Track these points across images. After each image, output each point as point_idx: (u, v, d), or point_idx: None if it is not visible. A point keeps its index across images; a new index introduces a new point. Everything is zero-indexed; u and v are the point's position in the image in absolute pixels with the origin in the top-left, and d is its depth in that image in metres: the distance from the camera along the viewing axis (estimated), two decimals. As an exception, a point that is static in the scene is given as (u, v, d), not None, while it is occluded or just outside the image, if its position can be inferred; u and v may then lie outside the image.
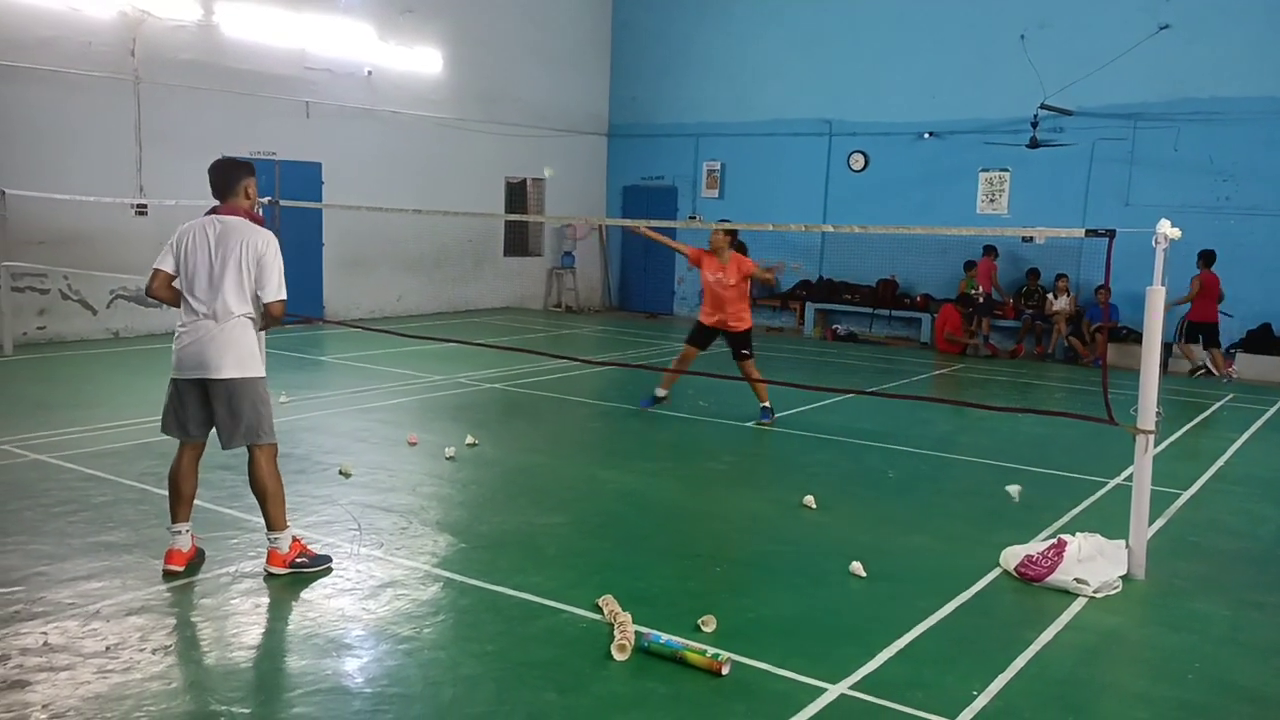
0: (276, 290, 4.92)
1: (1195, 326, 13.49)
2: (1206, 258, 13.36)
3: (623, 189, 20.27)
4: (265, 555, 5.12)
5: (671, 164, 19.55)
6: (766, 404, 9.26)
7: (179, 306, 4.96)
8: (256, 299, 4.95)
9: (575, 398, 10.26)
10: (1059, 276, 15.20)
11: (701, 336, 9.50)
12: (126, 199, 12.82)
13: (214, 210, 5.01)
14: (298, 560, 5.10)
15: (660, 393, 9.64)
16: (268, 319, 5.03)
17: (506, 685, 3.96)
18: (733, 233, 9.41)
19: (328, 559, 5.23)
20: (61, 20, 12.40)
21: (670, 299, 19.90)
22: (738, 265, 9.21)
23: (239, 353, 4.88)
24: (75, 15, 12.50)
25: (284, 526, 5.08)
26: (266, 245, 4.91)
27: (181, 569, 5.05)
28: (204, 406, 4.99)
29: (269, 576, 5.05)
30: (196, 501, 6.07)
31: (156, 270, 4.94)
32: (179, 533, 5.10)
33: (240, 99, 14.22)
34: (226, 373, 4.87)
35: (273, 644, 4.31)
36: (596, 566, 5.36)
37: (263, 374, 5.05)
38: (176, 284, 4.94)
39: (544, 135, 18.78)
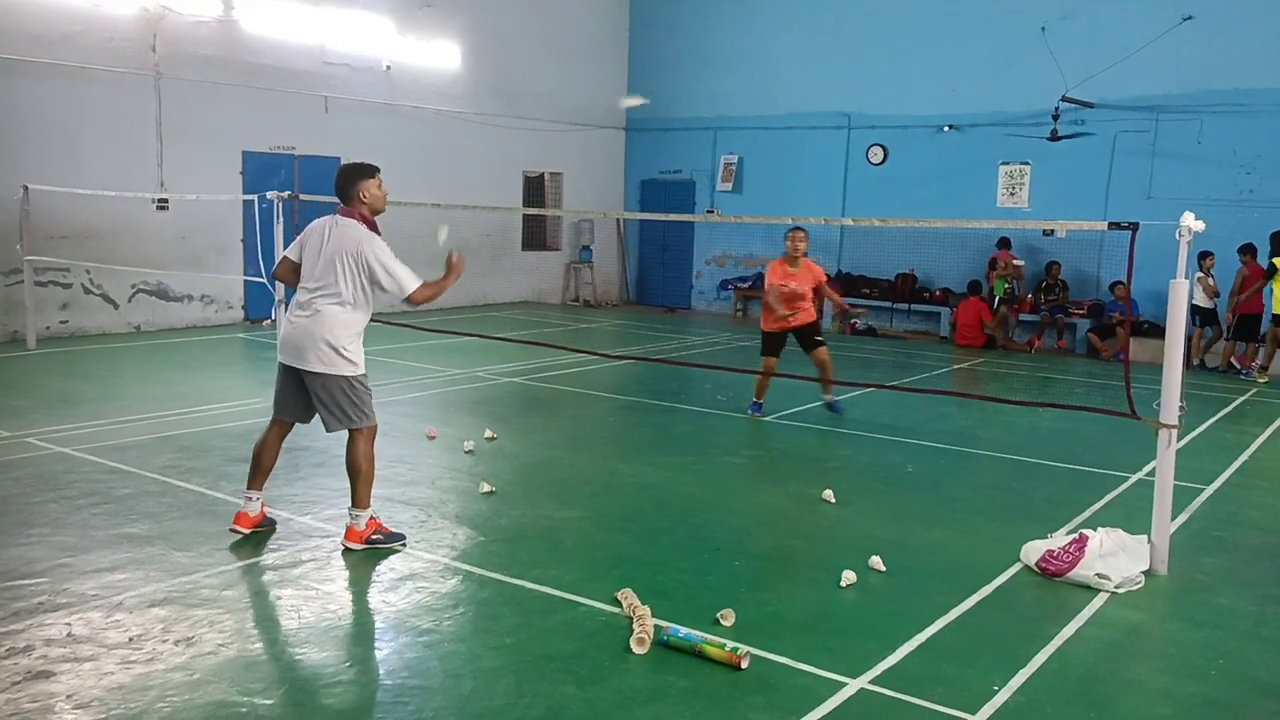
0: (410, 281, 5.22)
1: (1242, 320, 13.31)
2: (1250, 251, 13.23)
3: (640, 183, 20.26)
4: (344, 531, 5.39)
5: (689, 158, 19.51)
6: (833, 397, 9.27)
7: None
8: (368, 297, 5.28)
9: (593, 392, 10.26)
10: (1205, 255, 13.26)
11: (774, 345, 9.08)
12: (147, 194, 12.91)
13: (338, 211, 5.35)
14: (373, 537, 5.34)
15: (758, 401, 9.21)
16: (412, 303, 5.35)
17: (525, 678, 3.97)
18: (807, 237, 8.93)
19: (402, 536, 5.48)
20: (83, 16, 12.48)
21: (688, 293, 19.89)
22: (810, 272, 8.89)
23: (329, 349, 5.18)
24: (97, 11, 12.58)
25: (366, 506, 5.34)
26: (381, 249, 5.20)
27: (246, 531, 5.41)
28: (300, 393, 5.31)
29: (346, 551, 5.28)
30: (220, 495, 6.15)
31: (284, 257, 5.44)
32: (250, 499, 5.47)
33: (260, 94, 14.29)
34: (315, 367, 5.19)
35: (294, 636, 4.33)
36: (615, 560, 5.36)
37: (355, 370, 5.29)
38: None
39: (562, 129, 18.78)
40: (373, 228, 5.28)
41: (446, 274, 5.39)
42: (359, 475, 5.29)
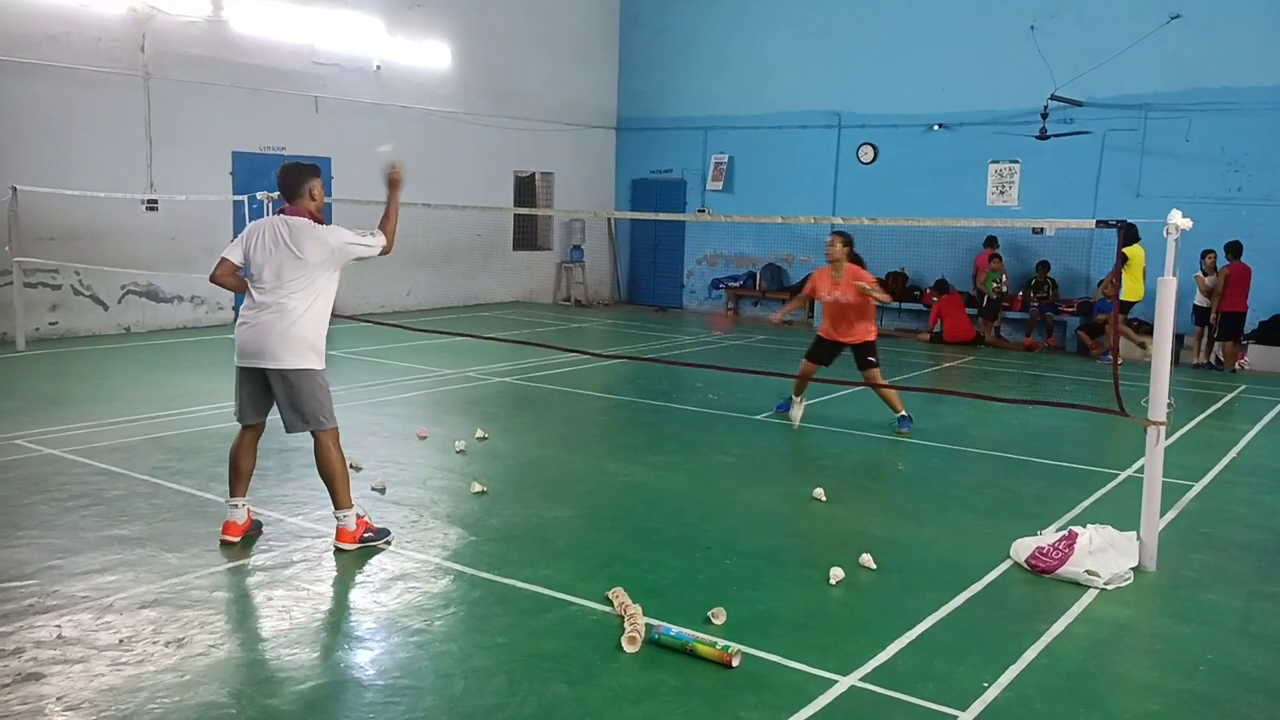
0: (379, 238, 5.43)
1: (1225, 318, 13.37)
2: (1234, 249, 13.29)
3: (631, 182, 20.26)
4: (334, 533, 5.40)
5: (680, 157, 19.53)
6: (903, 413, 8.57)
7: (241, 292, 5.31)
8: (333, 289, 5.30)
9: (585, 391, 10.26)
10: (1206, 253, 13.53)
11: (821, 352, 8.70)
12: (137, 195, 12.87)
13: (282, 210, 5.33)
14: (365, 535, 5.38)
15: (795, 404, 8.79)
16: (385, 252, 5.50)
17: (517, 677, 3.98)
18: (850, 242, 8.47)
19: (387, 531, 5.54)
20: (72, 16, 12.43)
21: (679, 292, 19.90)
22: (855, 278, 8.33)
23: (299, 345, 5.16)
24: (85, 11, 12.54)
25: (350, 505, 5.35)
26: (345, 233, 5.29)
27: (236, 540, 5.37)
28: (263, 393, 5.29)
29: (338, 552, 5.30)
30: (210, 496, 6.14)
31: (224, 259, 5.28)
32: (235, 506, 5.42)
33: (249, 94, 14.25)
34: (285, 363, 5.15)
35: (285, 636, 4.32)
36: (607, 559, 5.37)
37: (321, 366, 5.28)
38: (240, 275, 5.31)
39: (553, 129, 18.78)
40: (320, 223, 5.34)
41: (391, 194, 5.47)
42: (335, 477, 5.29)
